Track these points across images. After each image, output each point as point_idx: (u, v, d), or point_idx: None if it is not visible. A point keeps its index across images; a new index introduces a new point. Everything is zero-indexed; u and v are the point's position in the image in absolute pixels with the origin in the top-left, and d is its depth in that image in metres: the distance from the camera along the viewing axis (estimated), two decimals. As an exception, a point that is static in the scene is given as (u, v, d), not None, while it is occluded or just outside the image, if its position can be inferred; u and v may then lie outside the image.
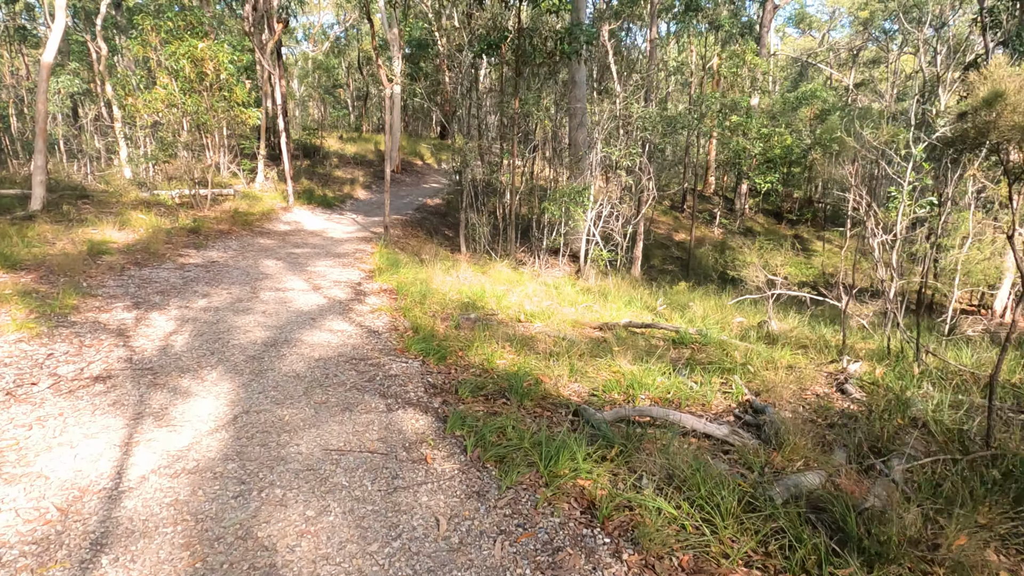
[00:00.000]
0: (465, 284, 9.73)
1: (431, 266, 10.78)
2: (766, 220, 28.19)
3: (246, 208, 14.75)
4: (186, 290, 7.70)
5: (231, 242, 11.52)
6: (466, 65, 12.37)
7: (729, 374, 5.41)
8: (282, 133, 15.85)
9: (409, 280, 8.91)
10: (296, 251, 11.31)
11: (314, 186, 19.94)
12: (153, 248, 9.84)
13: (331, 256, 11.00)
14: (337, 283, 8.58)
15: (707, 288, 12.21)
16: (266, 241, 12.09)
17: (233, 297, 7.49)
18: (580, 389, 4.95)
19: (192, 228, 11.72)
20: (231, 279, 8.48)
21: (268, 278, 8.72)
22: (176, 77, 12.52)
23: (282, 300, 7.45)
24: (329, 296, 7.77)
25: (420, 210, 19.22)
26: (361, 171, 23.72)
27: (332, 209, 17.64)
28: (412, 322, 6.57)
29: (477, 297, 8.41)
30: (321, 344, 5.78)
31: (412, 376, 4.93)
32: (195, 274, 8.65)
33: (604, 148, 12.69)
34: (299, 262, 10.21)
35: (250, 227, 13.22)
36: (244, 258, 10.17)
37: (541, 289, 10.01)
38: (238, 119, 13.39)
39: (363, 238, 13.54)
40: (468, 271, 11.13)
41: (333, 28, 46.34)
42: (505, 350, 5.90)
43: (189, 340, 5.76)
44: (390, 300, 7.76)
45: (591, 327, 7.48)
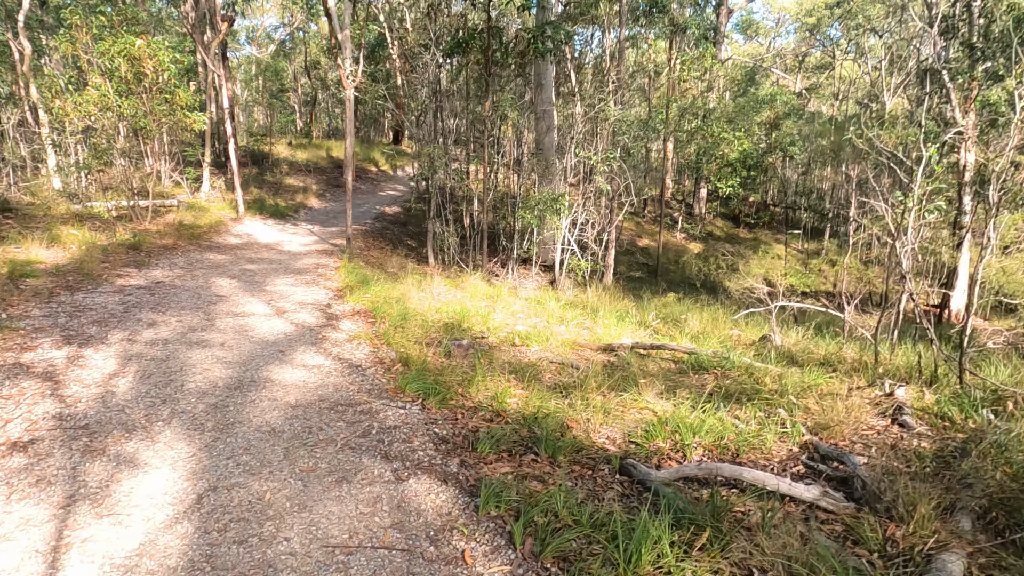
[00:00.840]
0: (442, 301, 8.89)
1: (403, 281, 9.89)
2: (724, 224, 28.12)
3: (192, 220, 13.54)
4: (128, 318, 6.64)
5: (177, 259, 10.38)
6: (432, 66, 11.53)
7: (770, 406, 4.74)
8: (230, 139, 14.67)
9: (382, 299, 8.02)
10: (251, 267, 10.25)
11: (265, 195, 18.72)
12: (88, 268, 8.67)
13: (291, 273, 9.99)
14: (303, 305, 7.61)
15: (696, 298, 11.66)
16: (216, 257, 10.97)
17: (185, 326, 6.47)
18: (613, 434, 4.19)
19: (132, 244, 10.53)
20: (181, 303, 7.43)
21: (223, 301, 7.70)
22: (111, 77, 11.28)
23: (242, 328, 6.47)
24: (296, 322, 6.81)
25: (379, 219, 18.24)
26: (313, 179, 22.54)
27: (285, 220, 16.51)
28: (399, 352, 5.70)
29: (461, 317, 7.58)
30: (296, 385, 4.86)
31: (415, 427, 4.07)
32: (138, 298, 7.56)
33: (580, 152, 12.03)
34: (256, 280, 9.18)
35: (197, 241, 12.05)
36: (193, 277, 9.09)
37: (524, 305, 9.24)
38: (181, 124, 12.20)
39: (323, 251, 12.52)
40: (441, 286, 10.28)
41: (278, 31, 44.70)
42: (511, 384, 5.10)
43: (135, 384, 4.77)
44: (367, 324, 6.86)
45: (592, 349, 6.74)
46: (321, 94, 40.67)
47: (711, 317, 9.10)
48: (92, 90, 11.03)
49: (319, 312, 7.28)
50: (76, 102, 11.07)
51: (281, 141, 27.04)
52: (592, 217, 12.42)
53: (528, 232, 13.78)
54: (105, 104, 11.09)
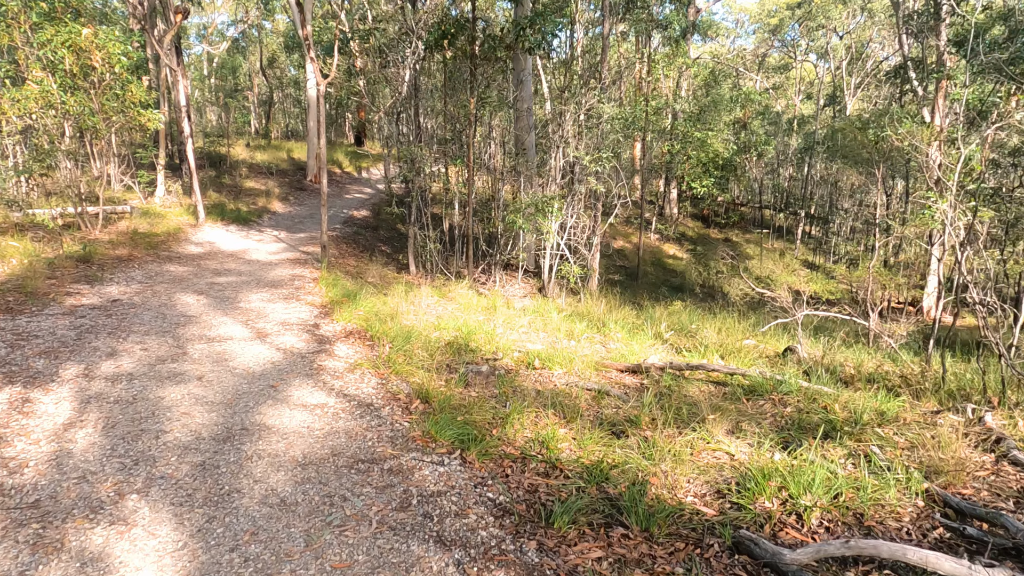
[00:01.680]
0: (436, 316, 8.06)
1: (389, 294, 9.02)
2: (695, 224, 27.85)
3: (148, 228, 12.36)
4: (83, 347, 5.64)
5: (134, 272, 9.28)
6: (412, 60, 10.64)
7: (858, 442, 4.08)
8: (187, 139, 13.50)
9: (373, 315, 7.15)
10: (219, 280, 9.22)
11: (224, 199, 17.50)
12: (31, 286, 7.56)
13: (264, 286, 9.00)
14: (287, 326, 6.68)
15: (695, 304, 11.05)
16: (178, 268, 9.90)
17: (151, 355, 5.51)
18: (699, 488, 3.46)
19: (82, 256, 9.38)
20: (144, 326, 6.43)
21: (193, 322, 6.72)
22: (54, 71, 10.08)
23: (221, 357, 5.53)
24: (283, 347, 5.90)
25: (349, 223, 17.23)
26: (274, 181, 21.33)
27: (249, 225, 15.37)
28: (413, 385, 4.88)
29: (464, 335, 6.78)
30: (299, 432, 4.00)
31: (464, 492, 3.27)
32: (93, 321, 6.53)
33: (572, 152, 11.32)
34: (227, 296, 8.18)
35: (155, 251, 10.92)
36: (155, 293, 8.04)
37: (524, 317, 8.47)
38: (134, 122, 11.03)
39: (295, 260, 11.52)
40: (430, 297, 9.44)
41: (230, 29, 42.90)
42: (552, 420, 4.34)
43: (98, 438, 3.84)
44: (365, 348, 5.99)
45: (618, 370, 6.02)
46: (277, 94, 39.14)
47: (723, 327, 8.48)
48: (32, 84, 9.82)
49: (307, 334, 6.36)
50: (14, 98, 9.84)
51: (238, 142, 25.67)
52: (581, 220, 11.74)
53: (512, 237, 13.04)
54: (48, 101, 9.89)
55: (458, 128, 12.27)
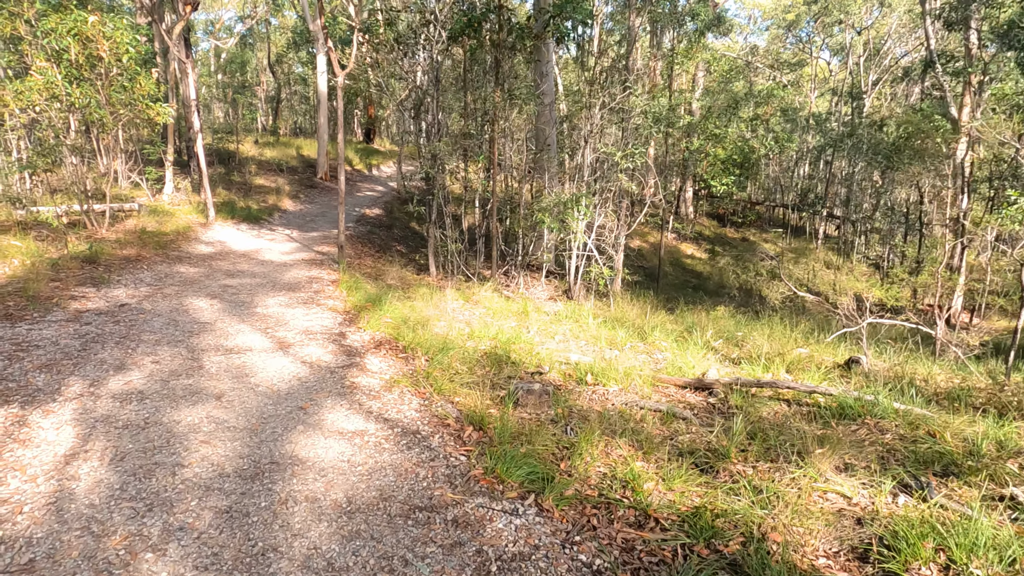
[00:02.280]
0: (464, 321, 7.48)
1: (412, 297, 8.45)
2: (711, 223, 27.23)
3: (156, 226, 11.81)
4: (88, 359, 5.07)
5: (143, 273, 8.73)
6: (435, 50, 10.03)
7: (991, 481, 3.49)
8: (197, 134, 12.93)
9: (400, 322, 6.58)
10: (232, 283, 8.66)
11: (234, 197, 16.95)
12: (33, 288, 7.00)
13: (281, 289, 8.43)
14: (310, 335, 6.10)
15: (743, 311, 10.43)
16: (189, 270, 9.34)
17: (164, 369, 4.93)
18: (830, 546, 2.87)
19: (88, 256, 8.82)
20: (154, 335, 5.86)
21: (207, 330, 6.15)
22: (59, 61, 9.52)
23: (240, 371, 4.96)
24: (309, 359, 5.33)
25: (361, 222, 16.66)
26: (284, 179, 20.77)
27: (259, 224, 14.81)
28: (460, 407, 4.29)
29: (502, 344, 6.19)
30: (338, 468, 3.42)
31: (551, 553, 2.69)
32: (99, 328, 5.97)
33: (602, 148, 10.73)
34: (242, 300, 7.62)
35: (164, 251, 10.36)
36: (165, 297, 7.48)
37: (560, 324, 7.89)
38: (143, 116, 10.46)
39: (310, 261, 10.95)
40: (455, 301, 8.86)
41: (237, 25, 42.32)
42: (626, 451, 3.75)
43: (104, 474, 3.28)
44: (399, 361, 5.41)
45: (677, 385, 5.43)
46: (285, 91, 38.58)
47: (771, 334, 7.87)
48: (36, 75, 9.25)
49: (334, 344, 5.78)
50: (17, 90, 9.28)
51: (247, 139, 25.13)
52: (609, 219, 11.15)
53: (535, 237, 12.45)
54: (52, 92, 9.33)
55: (481, 122, 11.67)
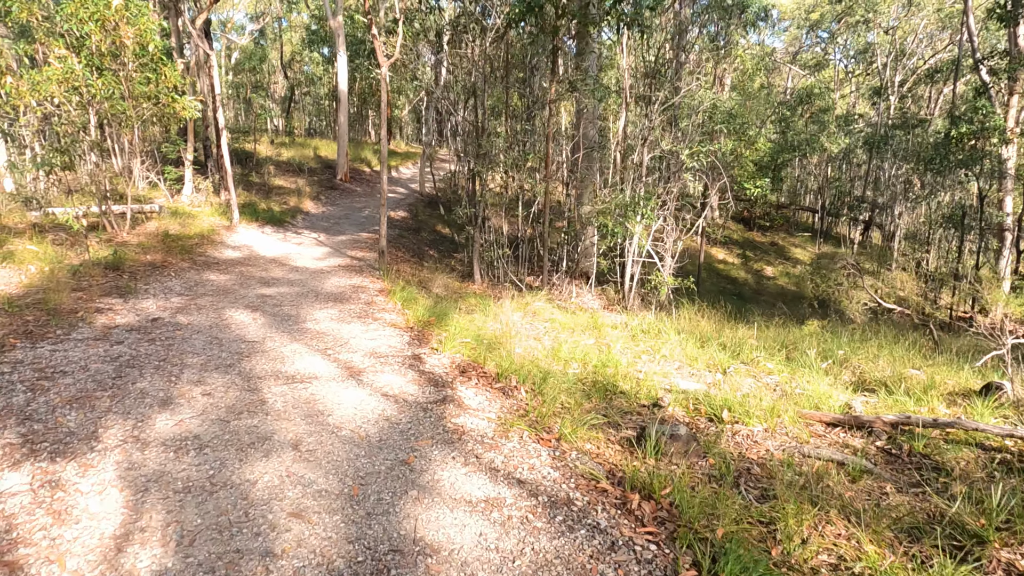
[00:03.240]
0: (534, 336, 6.61)
1: (473, 309, 7.58)
2: (737, 227, 26.35)
3: (179, 229, 10.95)
4: (125, 390, 4.20)
5: (171, 281, 7.86)
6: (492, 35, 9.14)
7: None
8: (221, 131, 12.07)
9: (472, 339, 5.70)
10: (270, 292, 7.79)
11: (254, 198, 16.10)
12: (54, 300, 6.14)
13: (326, 299, 7.56)
14: (379, 357, 5.22)
15: (820, 323, 9.52)
16: (219, 277, 8.47)
17: (219, 404, 4.06)
18: None
19: (111, 262, 7.96)
20: (198, 356, 4.99)
21: (257, 350, 5.28)
22: (79, 50, 8.66)
23: (311, 407, 4.08)
24: (388, 390, 4.44)
25: (389, 225, 15.77)
26: (304, 180, 19.90)
27: (283, 227, 13.94)
28: (601, 461, 3.41)
29: (598, 369, 5.32)
30: (485, 562, 2.55)
31: None
32: (133, 348, 5.10)
33: (669, 145, 9.85)
34: (286, 313, 6.74)
35: (190, 256, 9.50)
36: (199, 309, 6.61)
37: (640, 342, 7.01)
38: (168, 110, 9.59)
39: (347, 267, 10.08)
40: (514, 313, 7.98)
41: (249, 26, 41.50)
42: (838, 526, 2.87)
43: (172, 569, 2.40)
44: (496, 394, 4.52)
45: (823, 423, 4.54)
46: (299, 91, 37.75)
47: (876, 353, 6.97)
48: (54, 64, 8.39)
49: (411, 371, 4.89)
50: (34, 81, 8.42)
51: (262, 139, 24.28)
52: (668, 223, 10.27)
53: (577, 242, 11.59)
54: (72, 83, 8.47)
55: (524, 118, 10.79)
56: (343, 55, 19.96)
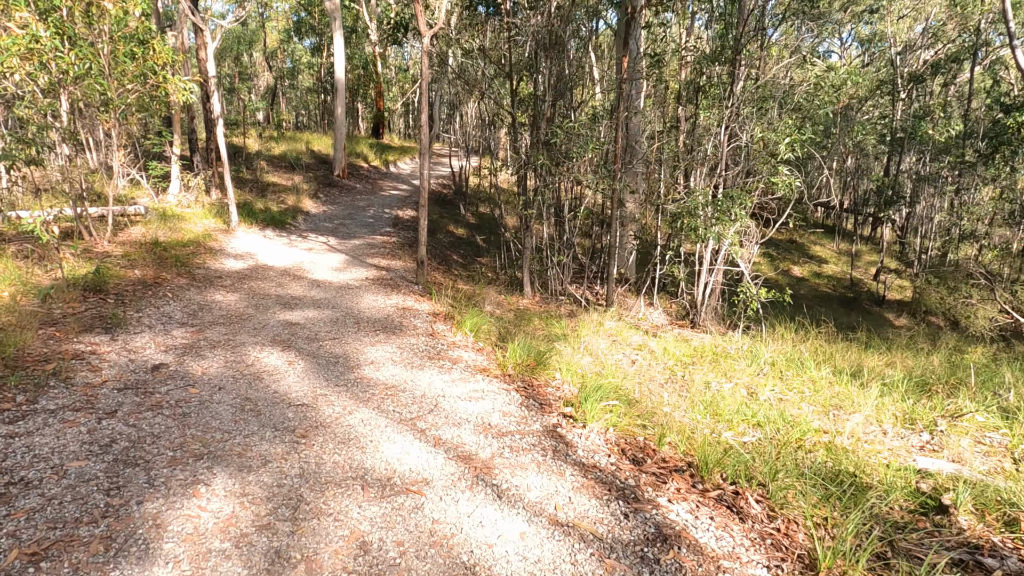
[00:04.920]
0: (658, 378, 5.02)
1: (540, 330, 5.97)
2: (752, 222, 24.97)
3: (169, 235, 9.16)
4: (127, 526, 2.52)
5: (168, 305, 6.12)
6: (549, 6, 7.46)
7: None
8: (218, 120, 10.24)
9: (590, 385, 4.10)
10: (295, 318, 6.10)
11: (248, 197, 14.26)
12: (15, 342, 4.41)
13: (372, 328, 5.89)
14: (497, 433, 3.57)
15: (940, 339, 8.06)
16: (227, 297, 6.75)
17: (290, 553, 2.40)
18: None
19: (92, 282, 6.19)
20: (226, 437, 3.32)
21: (312, 423, 3.61)
22: (47, 16, 6.84)
23: (444, 555, 2.44)
24: (551, 510, 2.81)
25: (399, 226, 14.08)
26: (299, 176, 18.04)
27: (286, 230, 12.16)
28: None
29: (782, 433, 3.76)
30: None
31: None
32: (129, 425, 3.41)
33: (762, 133, 8.30)
34: (327, 351, 5.07)
35: (187, 269, 7.74)
36: (212, 349, 4.92)
37: (775, 378, 5.45)
38: (160, 92, 7.79)
39: (377, 281, 8.39)
40: (597, 336, 6.39)
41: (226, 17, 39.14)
42: None
43: None
44: (720, 510, 2.91)
45: None
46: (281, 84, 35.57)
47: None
48: (17, 32, 6.56)
49: (562, 461, 3.25)
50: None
51: (250, 133, 22.30)
52: (746, 226, 8.75)
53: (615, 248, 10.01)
54: (40, 55, 6.65)
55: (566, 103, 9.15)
56: (340, 38, 18.11)
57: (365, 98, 31.16)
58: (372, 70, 28.45)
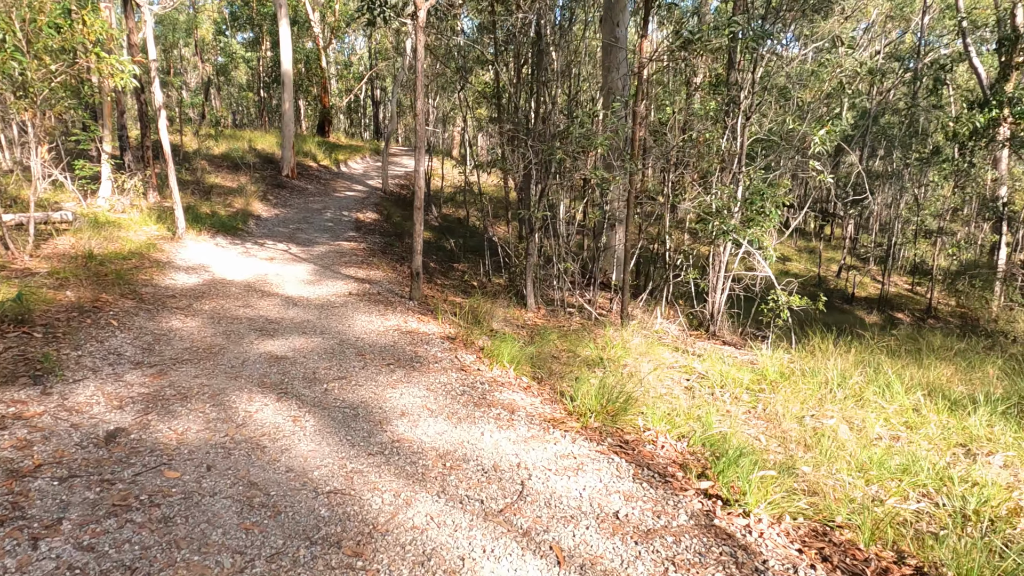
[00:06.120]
0: (744, 417, 4.10)
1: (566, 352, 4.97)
2: (709, 223, 24.61)
3: (105, 246, 7.67)
4: None
5: (115, 337, 4.79)
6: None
7: None
8: (160, 111, 8.73)
9: (693, 436, 3.15)
10: (278, 349, 4.87)
11: (192, 200, 12.65)
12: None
13: (381, 362, 4.72)
14: (637, 535, 2.54)
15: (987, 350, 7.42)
16: (187, 323, 5.44)
17: None
18: None
19: (12, 311, 4.78)
20: (239, 569, 2.15)
21: (362, 524, 2.48)
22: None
23: None
24: None
25: (364, 230, 12.78)
26: (245, 177, 16.38)
27: (238, 236, 10.69)
28: None
29: (891, 472, 2.88)
30: None
31: None
32: (79, 547, 2.19)
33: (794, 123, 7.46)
34: (338, 398, 3.90)
35: (131, 287, 6.33)
36: (184, 401, 3.68)
37: (872, 415, 4.61)
38: (96, 71, 6.33)
39: (361, 296, 7.17)
40: (636, 358, 5.44)
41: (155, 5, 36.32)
42: None
43: None
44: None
45: None
46: (216, 80, 33.16)
47: None
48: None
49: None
50: None
51: (186, 131, 20.34)
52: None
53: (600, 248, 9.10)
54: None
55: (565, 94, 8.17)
56: (286, 25, 16.54)
57: (308, 94, 29.29)
58: (315, 65, 26.73)
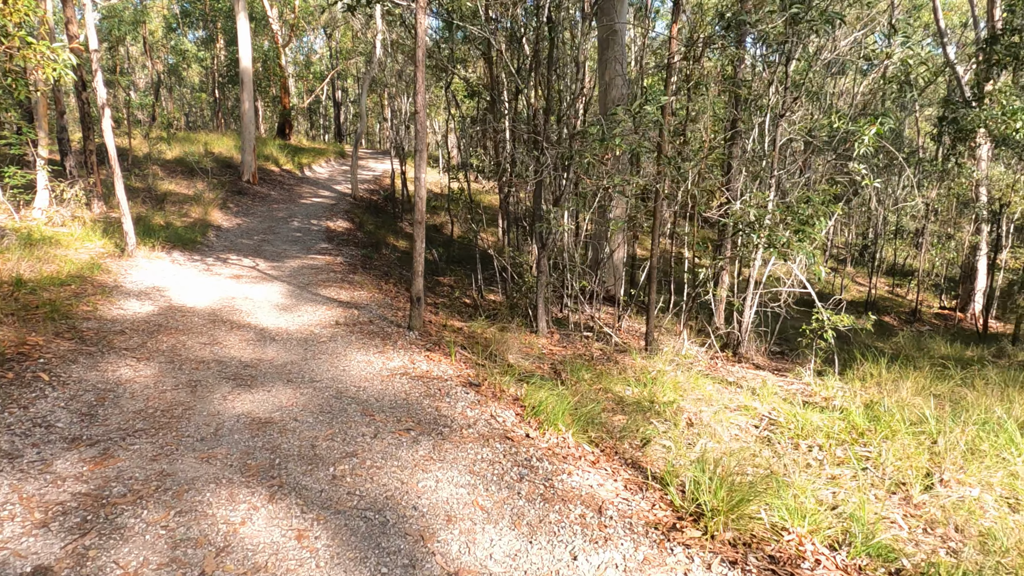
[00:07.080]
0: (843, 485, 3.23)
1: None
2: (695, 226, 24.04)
3: (38, 269, 6.42)
4: None
5: (43, 400, 3.65)
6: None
7: None
8: (103, 110, 7.46)
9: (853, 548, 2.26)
10: (260, 408, 3.80)
11: (144, 210, 11.30)
12: None
13: (396, 424, 3.69)
14: None
15: None
16: (139, 372, 4.30)
17: None
18: None
19: (-101, 371, 3.59)
20: None
21: None
22: None
23: None
24: None
25: (335, 241, 11.61)
26: (201, 183, 14.97)
27: (197, 251, 9.43)
28: None
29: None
30: None
31: None
32: None
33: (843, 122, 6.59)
34: (351, 490, 2.88)
35: (70, 324, 5.13)
36: (140, 506, 2.60)
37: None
38: (20, 59, 5.10)
39: (347, 325, 6.09)
40: (691, 401, 4.54)
41: (98, 1, 33.99)
42: None
43: None
44: None
45: None
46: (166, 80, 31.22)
47: None
48: None
49: None
50: None
51: (135, 133, 18.72)
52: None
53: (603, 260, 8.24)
54: None
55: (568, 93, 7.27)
56: (244, 20, 15.21)
57: (266, 95, 27.72)
58: (275, 64, 25.23)
